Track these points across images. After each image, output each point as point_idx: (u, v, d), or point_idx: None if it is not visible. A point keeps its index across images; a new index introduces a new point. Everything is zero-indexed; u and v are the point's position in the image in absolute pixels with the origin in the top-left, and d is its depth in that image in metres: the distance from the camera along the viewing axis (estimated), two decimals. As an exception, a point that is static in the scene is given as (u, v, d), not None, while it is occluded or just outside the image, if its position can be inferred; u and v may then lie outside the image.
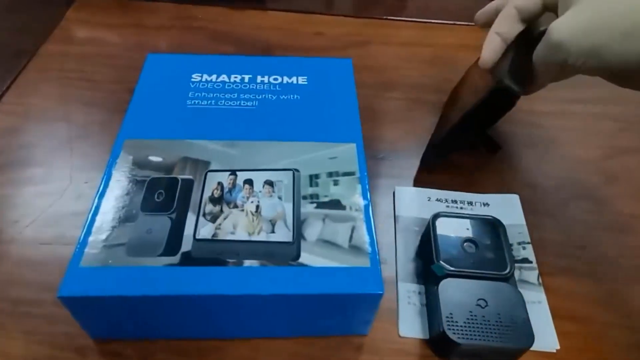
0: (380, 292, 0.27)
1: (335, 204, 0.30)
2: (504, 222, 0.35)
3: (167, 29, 0.55)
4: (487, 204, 0.39)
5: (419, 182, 0.40)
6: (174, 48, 0.53)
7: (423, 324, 0.32)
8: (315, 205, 0.30)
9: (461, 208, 0.38)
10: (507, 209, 0.38)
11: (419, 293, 0.33)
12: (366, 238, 0.29)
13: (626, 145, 0.44)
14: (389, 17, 0.57)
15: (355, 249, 0.28)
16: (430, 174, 0.40)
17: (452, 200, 0.39)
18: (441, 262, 0.32)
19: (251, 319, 0.29)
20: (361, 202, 0.31)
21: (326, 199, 0.31)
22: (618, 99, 0.48)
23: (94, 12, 0.56)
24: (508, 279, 0.31)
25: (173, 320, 0.28)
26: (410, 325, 0.32)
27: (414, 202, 0.38)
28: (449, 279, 0.31)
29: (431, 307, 0.31)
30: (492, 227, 0.34)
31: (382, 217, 0.38)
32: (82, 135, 0.42)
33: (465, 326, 0.29)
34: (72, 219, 0.36)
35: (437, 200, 0.39)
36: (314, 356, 0.30)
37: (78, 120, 0.44)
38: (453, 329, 0.29)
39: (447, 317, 0.29)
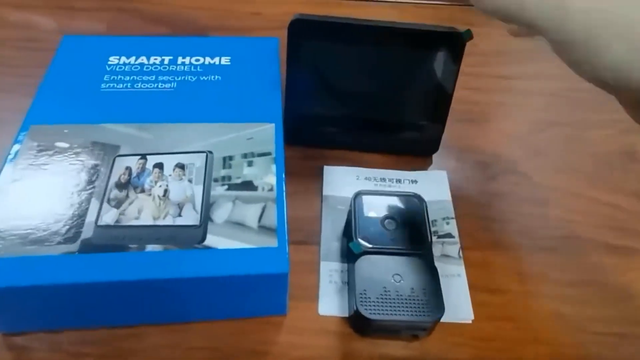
0: (285, 272, 0.26)
1: (247, 185, 0.30)
2: (430, 199, 0.36)
3: (97, 11, 0.53)
4: (415, 181, 0.39)
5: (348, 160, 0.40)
6: (104, 31, 0.51)
7: (343, 301, 0.32)
8: (226, 187, 0.30)
9: (389, 186, 0.38)
10: (434, 185, 0.38)
11: (342, 271, 0.33)
12: (275, 218, 0.28)
13: (552, 120, 0.45)
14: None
15: (263, 229, 0.28)
16: (360, 152, 0.40)
17: (380, 179, 0.39)
18: (359, 239, 0.32)
19: (163, 304, 0.28)
20: (274, 182, 0.30)
21: (238, 181, 0.30)
22: (547, 75, 0.49)
23: (19, -6, 0.53)
24: (425, 254, 0.32)
25: (80, 309, 0.27)
26: (331, 303, 0.32)
27: (342, 181, 0.38)
28: (366, 256, 0.31)
29: (350, 285, 0.31)
30: (413, 203, 0.34)
31: (310, 197, 0.37)
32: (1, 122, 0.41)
33: (377, 302, 0.29)
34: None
35: (366, 178, 0.39)
36: (231, 339, 0.30)
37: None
38: (365, 305, 0.29)
39: (361, 293, 0.29)
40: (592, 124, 0.45)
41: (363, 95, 0.38)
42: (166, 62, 0.38)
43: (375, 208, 0.34)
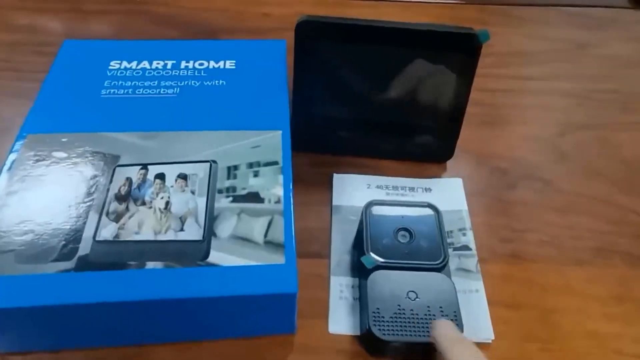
0: (294, 292, 0.25)
1: (253, 197, 0.28)
2: (445, 208, 0.34)
3: (107, 14, 0.52)
4: (430, 189, 0.37)
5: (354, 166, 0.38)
6: (114, 34, 0.50)
7: (355, 319, 0.30)
8: (231, 199, 0.28)
9: (402, 194, 0.36)
10: (449, 193, 0.36)
11: (353, 287, 0.31)
12: (283, 233, 0.27)
13: (578, 122, 0.43)
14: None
15: (270, 244, 0.26)
16: (371, 159, 0.38)
17: (392, 187, 0.37)
18: (371, 253, 0.30)
19: (165, 324, 0.27)
20: (281, 193, 0.29)
21: (244, 192, 0.29)
22: (568, 75, 0.47)
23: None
24: (441, 268, 0.30)
25: (79, 329, 0.26)
26: (341, 321, 0.30)
27: (353, 190, 0.36)
28: (378, 272, 0.29)
29: (362, 302, 0.30)
30: (428, 213, 0.32)
31: (319, 206, 0.36)
32: (6, 129, 0.40)
33: (391, 321, 0.27)
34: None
35: (377, 187, 0.37)
36: (239, 358, 0.28)
37: (2, 113, 0.41)
38: (379, 325, 0.27)
39: (374, 312, 0.28)
40: (621, 126, 0.42)
41: (374, 99, 0.36)
42: (169, 66, 0.36)
43: (388, 219, 0.32)
